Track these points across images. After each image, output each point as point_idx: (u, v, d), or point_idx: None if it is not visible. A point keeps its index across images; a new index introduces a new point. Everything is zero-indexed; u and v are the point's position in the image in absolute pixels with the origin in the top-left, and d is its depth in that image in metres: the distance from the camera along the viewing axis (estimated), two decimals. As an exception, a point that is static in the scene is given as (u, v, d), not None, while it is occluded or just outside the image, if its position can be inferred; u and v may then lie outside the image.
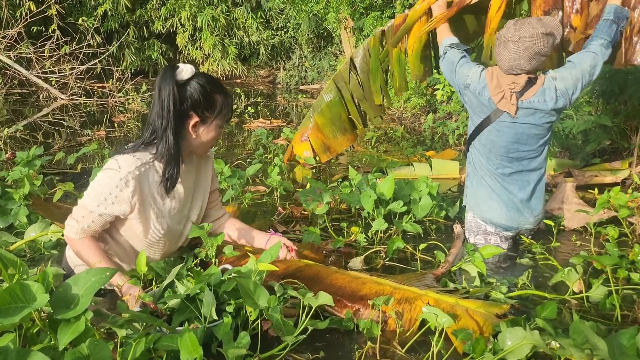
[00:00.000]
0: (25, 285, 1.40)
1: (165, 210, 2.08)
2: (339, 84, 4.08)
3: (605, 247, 2.46)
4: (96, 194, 1.94)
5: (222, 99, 2.00)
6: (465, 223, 2.87)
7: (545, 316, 1.80)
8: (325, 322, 1.84)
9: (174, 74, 1.91)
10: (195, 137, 2.02)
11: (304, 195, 2.88)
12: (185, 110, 1.95)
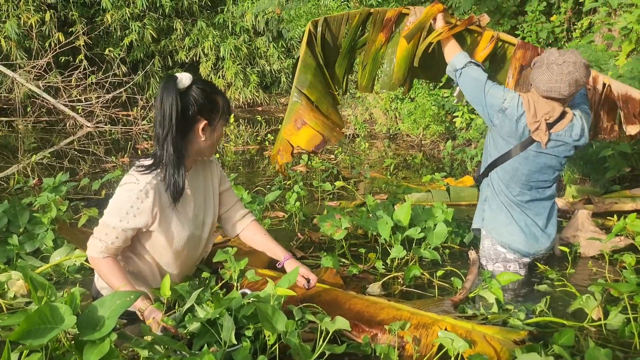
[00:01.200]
0: (54, 307, 1.46)
1: (184, 216, 2.15)
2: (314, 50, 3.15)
3: (622, 274, 2.45)
4: (117, 209, 2.00)
5: (222, 99, 2.11)
6: (482, 250, 2.86)
7: (563, 343, 1.81)
8: (342, 347, 1.86)
9: (176, 83, 1.98)
10: (204, 139, 2.09)
11: (322, 220, 2.92)
12: (193, 116, 2.03)
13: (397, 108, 7.58)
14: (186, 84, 2.00)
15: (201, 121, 2.05)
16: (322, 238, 3.25)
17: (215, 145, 2.17)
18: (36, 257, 2.87)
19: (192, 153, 2.13)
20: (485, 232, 2.83)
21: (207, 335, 1.78)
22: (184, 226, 2.15)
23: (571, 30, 5.84)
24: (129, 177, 2.03)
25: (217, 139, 2.15)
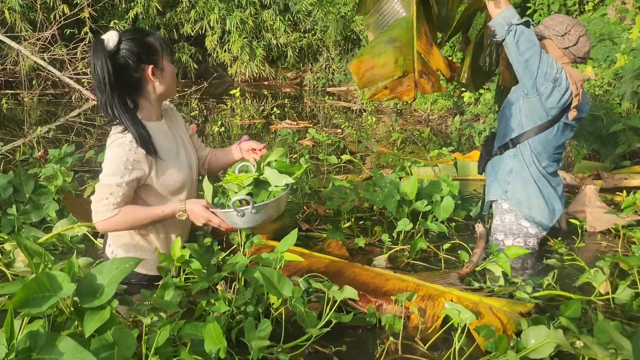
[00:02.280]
0: (52, 275, 1.44)
1: (178, 161, 2.20)
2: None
3: (631, 249, 2.42)
4: (115, 167, 2.01)
5: (154, 39, 2.11)
6: (501, 225, 2.76)
7: (569, 315, 1.78)
8: (349, 316, 1.85)
9: (103, 46, 1.99)
10: (159, 82, 2.13)
11: (329, 193, 2.89)
12: (136, 67, 2.05)
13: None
14: (114, 42, 2.01)
15: (147, 67, 2.08)
16: (328, 211, 3.23)
17: (173, 82, 2.20)
18: (41, 227, 2.87)
19: (156, 100, 2.17)
20: (509, 205, 2.72)
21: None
22: (180, 170, 2.20)
23: (584, 2, 5.72)
24: (114, 135, 2.05)
25: (171, 75, 2.18)
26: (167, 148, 2.17)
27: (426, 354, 1.80)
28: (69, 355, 1.28)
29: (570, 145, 4.58)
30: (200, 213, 2.07)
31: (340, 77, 10.57)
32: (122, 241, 2.21)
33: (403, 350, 1.81)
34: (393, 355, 1.79)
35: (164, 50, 2.13)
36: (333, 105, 9.09)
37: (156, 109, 2.20)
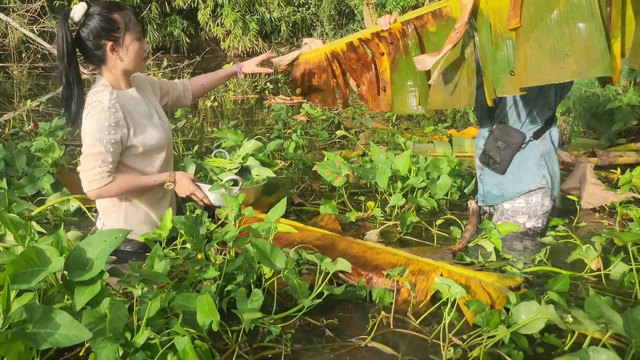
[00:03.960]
0: (40, 249, 1.43)
1: (155, 122, 2.28)
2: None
3: (629, 226, 2.42)
4: (98, 134, 2.07)
5: (121, 15, 2.12)
6: (527, 207, 2.61)
7: (558, 289, 1.79)
8: (341, 288, 1.85)
9: (68, 17, 2.05)
10: (120, 59, 2.15)
11: (322, 167, 2.88)
12: (96, 41, 2.09)
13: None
14: (79, 15, 2.05)
15: (106, 43, 2.10)
16: (323, 186, 3.22)
17: (137, 58, 2.20)
18: (35, 200, 2.85)
19: (121, 73, 2.20)
20: (544, 189, 2.58)
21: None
22: (157, 131, 2.26)
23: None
24: (89, 105, 2.10)
25: (135, 54, 2.18)
26: (141, 111, 2.23)
27: (417, 328, 1.80)
28: (65, 329, 1.28)
29: (566, 123, 4.57)
30: (187, 185, 2.25)
31: (335, 53, 10.49)
32: (113, 214, 2.22)
33: (394, 324, 1.81)
34: (384, 329, 1.79)
35: (129, 28, 2.13)
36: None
37: (123, 80, 2.23)
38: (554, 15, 2.16)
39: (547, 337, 1.69)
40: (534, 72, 2.20)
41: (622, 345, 1.65)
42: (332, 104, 2.90)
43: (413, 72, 2.58)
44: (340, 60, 2.78)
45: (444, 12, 2.40)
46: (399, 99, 2.67)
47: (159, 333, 1.43)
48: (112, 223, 2.25)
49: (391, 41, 2.60)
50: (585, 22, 2.11)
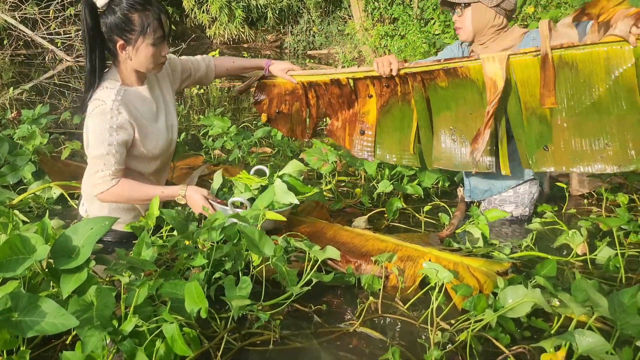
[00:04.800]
0: (24, 237, 1.41)
1: (157, 124, 2.18)
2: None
3: (616, 212, 2.44)
4: (100, 136, 1.99)
5: (140, 18, 1.98)
6: (515, 196, 2.61)
7: (545, 274, 1.80)
8: (329, 276, 1.85)
9: (92, 2, 1.95)
10: (130, 59, 2.05)
11: (309, 155, 2.87)
12: (108, 34, 2.00)
13: (387, 45, 7.41)
14: (103, 1, 1.95)
15: (118, 40, 2.01)
16: (310, 173, 3.22)
17: (150, 62, 2.07)
18: (16, 189, 2.81)
19: (131, 71, 2.11)
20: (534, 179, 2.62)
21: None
22: (158, 137, 2.18)
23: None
24: (93, 103, 2.02)
25: (146, 59, 2.05)
26: (147, 112, 2.15)
27: (405, 314, 1.81)
28: (51, 317, 1.27)
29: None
30: (198, 201, 2.12)
31: (322, 40, 10.44)
32: (96, 201, 2.18)
33: (383, 310, 1.82)
34: (373, 315, 1.80)
35: (146, 32, 1.99)
36: (314, 69, 8.99)
37: (135, 76, 2.13)
38: (594, 101, 2.16)
39: (533, 320, 1.71)
40: (574, 157, 2.21)
41: (607, 327, 1.67)
42: (301, 136, 2.78)
43: (408, 121, 2.48)
44: (318, 91, 2.65)
45: (460, 72, 2.31)
46: (386, 145, 2.57)
47: (147, 320, 1.42)
48: (95, 211, 2.21)
49: (387, 84, 2.47)
50: (627, 114, 2.11)
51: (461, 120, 2.38)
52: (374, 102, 2.54)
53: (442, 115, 2.43)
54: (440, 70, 2.33)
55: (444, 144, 2.44)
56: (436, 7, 6.66)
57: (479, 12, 2.41)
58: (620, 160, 2.14)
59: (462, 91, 2.34)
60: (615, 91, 2.12)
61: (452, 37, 6.36)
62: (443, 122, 2.44)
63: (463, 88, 2.33)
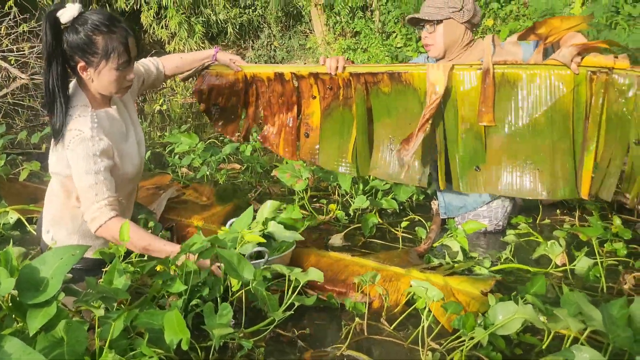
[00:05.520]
0: (-16, 270, 1.30)
1: (127, 143, 2.09)
2: None
3: (589, 220, 2.45)
4: (85, 167, 1.87)
5: (105, 41, 1.86)
6: (488, 210, 2.58)
7: (535, 291, 1.77)
8: (312, 299, 1.78)
9: (55, 17, 1.83)
10: (92, 81, 1.94)
11: (282, 171, 2.80)
12: (69, 54, 1.88)
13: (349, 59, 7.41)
14: (67, 18, 1.83)
15: (79, 61, 1.89)
16: (282, 189, 3.14)
17: (113, 86, 1.95)
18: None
19: (96, 92, 1.99)
20: None
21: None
22: (134, 155, 2.10)
23: (525, -21, 5.79)
24: (71, 134, 1.89)
25: (109, 83, 1.93)
26: (119, 133, 2.05)
27: (392, 334, 1.75)
28: (16, 357, 1.16)
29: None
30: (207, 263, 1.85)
31: (283, 54, 10.39)
32: (64, 226, 2.05)
33: (369, 331, 1.76)
34: (359, 337, 1.74)
35: (110, 57, 1.87)
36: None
37: (101, 98, 2.02)
38: (530, 124, 2.18)
39: (523, 336, 1.67)
40: (505, 180, 2.24)
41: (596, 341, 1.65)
42: (231, 134, 2.65)
43: (348, 127, 2.44)
44: (259, 88, 2.55)
45: (404, 78, 2.30)
46: (326, 150, 2.52)
47: (124, 355, 1.32)
48: (63, 237, 2.07)
49: (330, 86, 2.43)
50: (559, 140, 2.15)
51: (400, 129, 2.36)
52: (318, 103, 2.50)
53: (382, 122, 2.42)
54: (385, 73, 2.32)
55: (381, 152, 2.43)
56: (397, 21, 6.72)
57: (451, 28, 2.41)
58: (550, 186, 2.18)
59: (404, 99, 2.33)
60: (551, 115, 2.16)
61: (414, 49, 6.42)
62: (382, 130, 2.42)
63: (405, 96, 2.32)
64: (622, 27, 3.73)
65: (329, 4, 7.77)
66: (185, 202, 2.75)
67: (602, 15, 3.78)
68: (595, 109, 2.10)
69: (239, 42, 11.81)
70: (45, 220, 2.14)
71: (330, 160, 2.52)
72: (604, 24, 3.80)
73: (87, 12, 1.88)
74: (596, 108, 2.10)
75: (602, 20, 3.78)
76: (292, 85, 2.50)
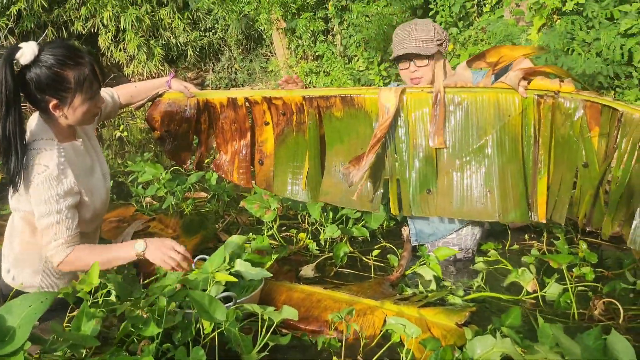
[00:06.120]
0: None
1: (94, 176, 2.02)
2: None
3: (555, 245, 2.49)
4: (47, 207, 1.80)
5: (75, 74, 1.80)
6: (458, 238, 2.60)
7: (511, 323, 1.76)
8: (287, 338, 1.73)
9: (13, 57, 1.73)
10: (65, 117, 1.86)
11: (250, 202, 2.75)
12: (37, 95, 1.80)
13: (312, 82, 7.45)
14: (28, 58, 1.74)
15: (50, 100, 1.81)
16: (250, 219, 3.09)
17: (86, 117, 1.90)
18: None
19: (65, 127, 1.92)
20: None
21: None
22: (101, 185, 2.04)
23: (481, 5, 5.94)
24: (36, 167, 1.80)
25: (83, 114, 1.88)
26: (85, 167, 1.99)
27: (370, 371, 1.72)
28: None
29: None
30: (168, 245, 1.89)
31: (244, 77, 10.36)
32: (29, 266, 1.96)
33: (347, 369, 1.72)
34: (336, 375, 1.70)
35: (82, 88, 1.81)
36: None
37: (68, 131, 1.95)
38: (481, 146, 2.22)
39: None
40: (456, 202, 2.25)
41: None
42: (183, 163, 2.62)
43: (302, 153, 2.44)
44: (212, 114, 2.53)
45: (356, 101, 2.31)
46: (280, 178, 2.51)
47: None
48: (26, 276, 1.96)
49: (283, 112, 2.43)
50: (509, 162, 2.19)
51: (352, 154, 2.37)
52: (272, 130, 2.49)
53: (335, 148, 2.43)
54: (338, 97, 2.33)
55: (333, 178, 2.42)
56: (359, 45, 6.77)
57: (438, 60, 2.45)
58: (501, 209, 2.21)
59: (356, 124, 2.34)
60: (501, 138, 2.20)
61: (377, 73, 6.47)
62: (334, 156, 2.43)
63: (357, 120, 2.33)
64: (578, 53, 3.86)
65: (291, 28, 7.80)
66: (151, 235, 2.67)
67: (559, 41, 3.90)
68: (544, 132, 2.16)
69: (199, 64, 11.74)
70: (6, 260, 2.02)
71: (285, 187, 2.51)
72: (560, 50, 3.91)
73: (45, 48, 1.79)
74: (545, 131, 2.16)
75: (559, 47, 3.89)
76: (245, 111, 2.49)
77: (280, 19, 7.88)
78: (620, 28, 3.79)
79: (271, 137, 2.50)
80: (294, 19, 7.68)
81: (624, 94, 3.98)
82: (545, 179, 2.18)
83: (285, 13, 7.68)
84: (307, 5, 7.59)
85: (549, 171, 2.18)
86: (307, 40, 7.66)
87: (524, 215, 2.20)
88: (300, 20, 7.45)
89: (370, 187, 2.34)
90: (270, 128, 2.48)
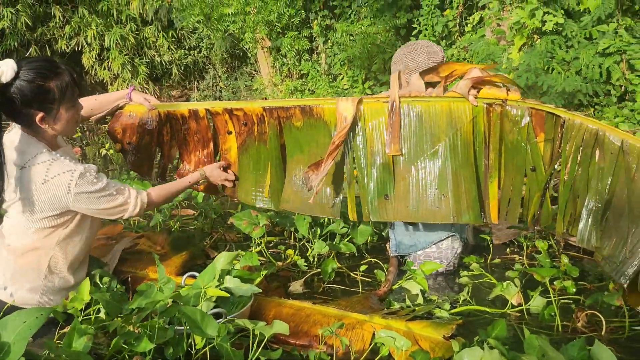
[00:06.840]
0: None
1: None
2: None
3: (537, 259, 2.53)
4: (100, 192, 1.95)
5: (58, 84, 1.86)
6: (438, 251, 2.64)
7: (497, 335, 1.80)
8: (277, 352, 1.75)
9: None
10: (51, 129, 1.93)
11: (238, 219, 2.77)
12: (22, 109, 1.84)
13: (297, 100, 7.50)
14: (8, 76, 1.78)
15: (36, 113, 1.86)
16: (238, 235, 3.11)
17: (71, 125, 1.99)
18: None
19: (51, 136, 1.98)
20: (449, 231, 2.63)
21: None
22: None
23: (463, 24, 6.07)
24: (62, 177, 1.89)
25: (69, 121, 1.96)
26: None
27: (360, 385, 1.74)
28: None
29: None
30: (219, 175, 2.53)
31: (229, 95, 10.40)
32: (28, 282, 1.97)
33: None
34: (327, 389, 1.72)
35: (65, 96, 1.88)
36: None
37: (55, 140, 2.02)
38: (435, 152, 2.31)
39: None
40: (412, 207, 2.32)
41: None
42: (146, 174, 2.68)
43: (264, 162, 2.51)
44: (174, 126, 2.59)
45: (315, 111, 2.38)
46: (244, 185, 2.58)
47: None
48: (24, 294, 1.97)
49: (244, 122, 2.50)
50: (461, 167, 2.27)
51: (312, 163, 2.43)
52: (234, 139, 2.55)
53: (295, 157, 2.49)
54: (297, 107, 2.39)
55: (294, 186, 2.48)
56: (344, 63, 6.87)
57: (394, 72, 2.51)
58: (455, 211, 2.28)
59: (315, 133, 2.41)
60: (454, 144, 2.28)
61: (361, 91, 6.56)
62: (295, 164, 2.49)
63: (316, 130, 2.40)
64: (558, 72, 3.96)
65: (276, 47, 7.88)
66: (140, 253, 2.67)
67: (539, 60, 4.00)
68: (494, 138, 2.26)
69: (184, 82, 11.76)
70: (2, 276, 2.01)
71: (249, 195, 2.57)
72: (541, 68, 4.02)
73: (24, 64, 1.83)
74: (494, 137, 2.26)
75: (540, 65, 4.00)
76: (207, 122, 2.55)
77: (265, 37, 7.95)
78: (599, 47, 3.91)
79: (234, 145, 2.57)
80: (278, 38, 7.76)
81: (603, 111, 4.10)
82: (496, 182, 2.28)
83: (270, 32, 7.76)
84: (292, 24, 7.68)
85: (500, 175, 2.28)
86: (292, 58, 7.74)
87: (477, 217, 2.27)
88: (285, 39, 7.53)
89: (331, 193, 2.40)
90: (233, 137, 2.56)
